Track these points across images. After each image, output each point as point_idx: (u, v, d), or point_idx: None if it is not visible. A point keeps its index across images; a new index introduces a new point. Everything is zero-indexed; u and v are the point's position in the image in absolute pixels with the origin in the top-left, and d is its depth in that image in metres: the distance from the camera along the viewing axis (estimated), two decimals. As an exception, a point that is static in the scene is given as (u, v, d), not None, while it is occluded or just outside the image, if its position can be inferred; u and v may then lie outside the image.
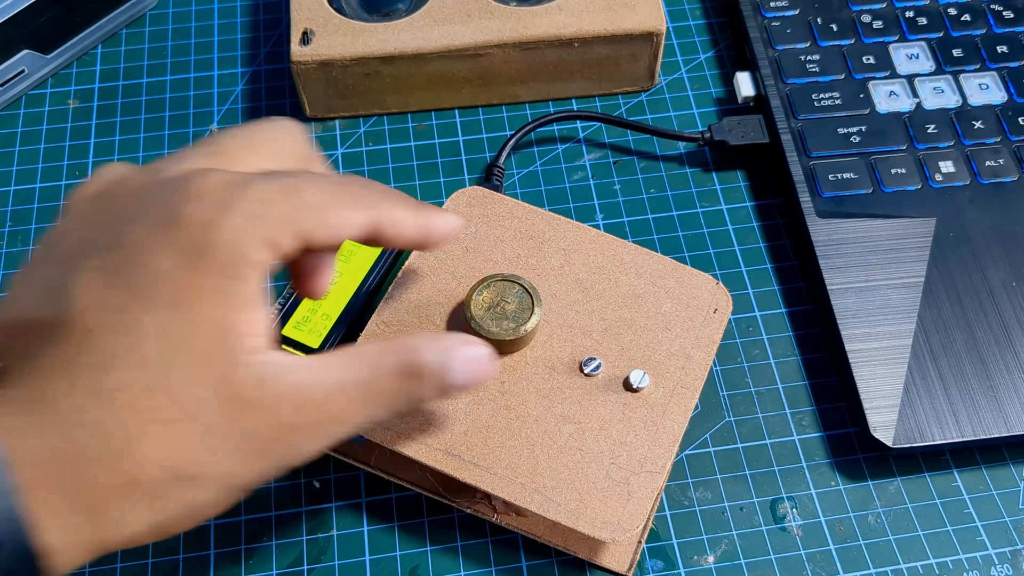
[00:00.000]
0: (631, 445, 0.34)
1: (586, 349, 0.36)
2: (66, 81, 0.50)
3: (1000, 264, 0.41)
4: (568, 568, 0.36)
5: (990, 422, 0.37)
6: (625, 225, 0.45)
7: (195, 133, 0.48)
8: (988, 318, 0.40)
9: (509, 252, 0.38)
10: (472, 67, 0.46)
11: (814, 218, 0.42)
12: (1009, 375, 0.38)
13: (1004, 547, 0.37)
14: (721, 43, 0.51)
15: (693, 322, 0.36)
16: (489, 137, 0.47)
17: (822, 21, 0.48)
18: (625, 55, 0.47)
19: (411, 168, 0.46)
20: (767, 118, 0.46)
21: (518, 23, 0.45)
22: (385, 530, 0.37)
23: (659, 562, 0.36)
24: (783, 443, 0.39)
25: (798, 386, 0.40)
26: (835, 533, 0.37)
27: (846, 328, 0.39)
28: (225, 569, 0.36)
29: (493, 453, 0.33)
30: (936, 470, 0.38)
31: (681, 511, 0.37)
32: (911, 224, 0.42)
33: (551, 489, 0.33)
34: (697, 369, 0.35)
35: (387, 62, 0.45)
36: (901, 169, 0.44)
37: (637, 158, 0.47)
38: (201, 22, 0.52)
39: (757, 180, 0.46)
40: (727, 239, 0.44)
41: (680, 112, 0.48)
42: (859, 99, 0.46)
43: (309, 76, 0.45)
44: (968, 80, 0.46)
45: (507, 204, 0.39)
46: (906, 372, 0.38)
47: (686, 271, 0.38)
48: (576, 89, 0.48)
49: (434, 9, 0.46)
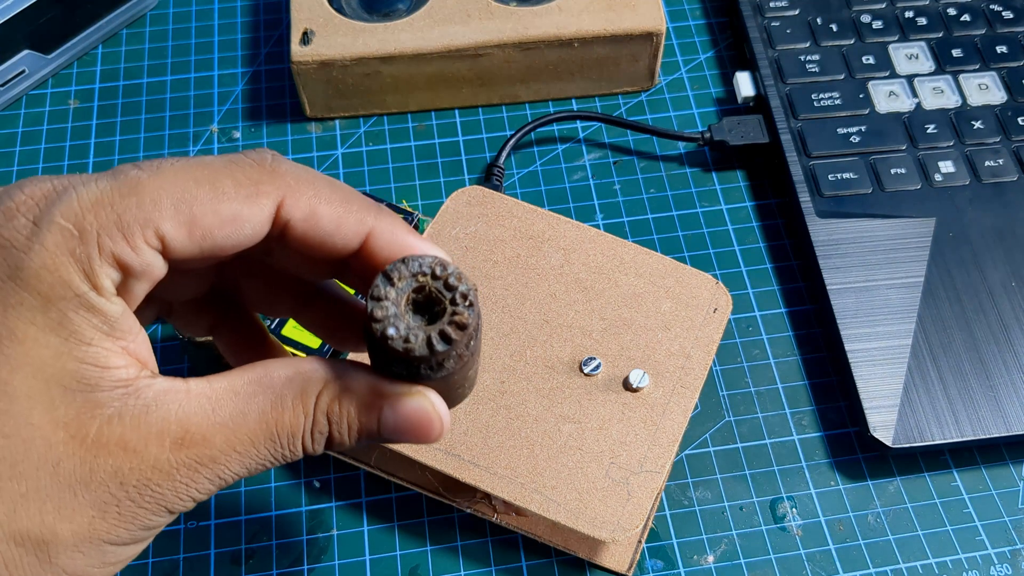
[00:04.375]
0: (631, 445, 0.34)
1: (586, 349, 0.36)
2: (66, 81, 0.50)
3: (1000, 264, 0.41)
4: (568, 568, 0.36)
5: (989, 422, 0.37)
6: (625, 225, 0.45)
7: (195, 133, 0.48)
8: (988, 318, 0.40)
9: (509, 252, 0.38)
10: (472, 67, 0.46)
11: (814, 218, 0.42)
12: (1008, 375, 0.38)
13: (1004, 547, 0.37)
14: (721, 43, 0.51)
15: (693, 322, 0.36)
16: (489, 137, 0.48)
17: (822, 21, 0.48)
18: (625, 55, 0.47)
19: (411, 168, 0.46)
20: (767, 118, 0.46)
21: (518, 23, 0.45)
22: (385, 530, 0.37)
23: (659, 562, 0.36)
24: (783, 443, 0.39)
25: (798, 386, 0.40)
26: (835, 533, 0.37)
27: (846, 328, 0.39)
28: (225, 569, 0.36)
29: (493, 453, 0.33)
30: (936, 470, 0.39)
31: (681, 511, 0.38)
32: (911, 224, 0.42)
33: (551, 489, 0.33)
34: (697, 369, 0.35)
35: (387, 62, 0.45)
36: (901, 169, 0.44)
37: (637, 158, 0.47)
38: (201, 22, 0.52)
39: (757, 180, 0.46)
40: (727, 239, 0.44)
41: (680, 112, 0.49)
42: (859, 99, 0.46)
43: (309, 76, 0.45)
44: (968, 80, 0.46)
45: (507, 204, 0.39)
46: (906, 372, 0.38)
47: (686, 271, 0.38)
48: (576, 89, 0.48)
49: (434, 9, 0.46)
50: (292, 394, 0.23)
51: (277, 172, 0.23)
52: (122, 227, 0.21)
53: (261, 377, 0.23)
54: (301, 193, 0.23)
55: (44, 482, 0.21)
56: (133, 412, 0.21)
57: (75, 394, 0.21)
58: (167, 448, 0.21)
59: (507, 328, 0.36)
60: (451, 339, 0.22)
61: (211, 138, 0.48)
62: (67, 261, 0.21)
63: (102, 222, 0.21)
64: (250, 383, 0.22)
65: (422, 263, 0.22)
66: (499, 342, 0.36)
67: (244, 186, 0.22)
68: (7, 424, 0.21)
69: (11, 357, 0.21)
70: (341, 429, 0.23)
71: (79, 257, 0.21)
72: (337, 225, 0.23)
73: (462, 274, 0.22)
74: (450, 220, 0.38)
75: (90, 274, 0.21)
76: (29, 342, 0.21)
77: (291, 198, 0.23)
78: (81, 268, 0.21)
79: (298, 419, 0.23)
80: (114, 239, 0.21)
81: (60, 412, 0.21)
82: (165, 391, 0.22)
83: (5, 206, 0.21)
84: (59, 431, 0.21)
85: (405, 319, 0.22)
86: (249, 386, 0.22)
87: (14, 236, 0.21)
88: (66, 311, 0.21)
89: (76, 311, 0.21)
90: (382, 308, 0.21)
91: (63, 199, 0.21)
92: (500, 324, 0.36)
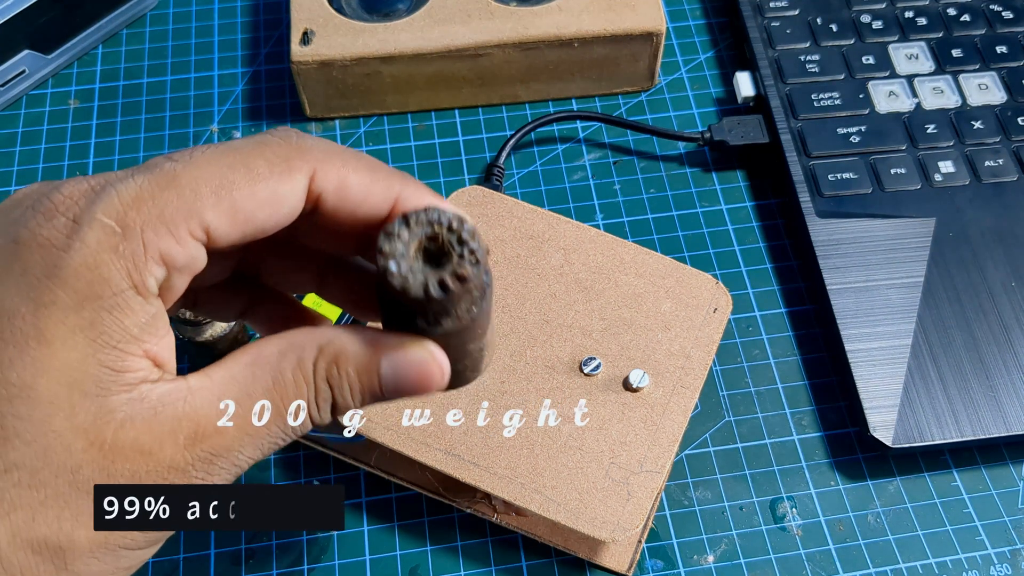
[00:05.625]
0: (631, 445, 0.34)
1: (586, 349, 0.36)
2: (67, 81, 0.50)
3: (1000, 264, 0.41)
4: (568, 568, 0.36)
5: (989, 422, 0.37)
6: (625, 225, 0.45)
7: (195, 133, 0.48)
8: (988, 318, 0.40)
9: (509, 252, 0.38)
10: (472, 67, 0.46)
11: (814, 218, 0.42)
12: (1008, 375, 0.38)
13: (1003, 547, 0.37)
14: (721, 43, 0.51)
15: (693, 322, 0.36)
16: (489, 137, 0.48)
17: (822, 21, 0.48)
18: (625, 55, 0.47)
19: (411, 168, 0.46)
20: (767, 118, 0.46)
21: (518, 23, 0.45)
22: (385, 530, 0.37)
23: (659, 562, 0.36)
24: (783, 443, 0.39)
25: (798, 386, 0.40)
26: (835, 533, 0.37)
27: (846, 328, 0.39)
28: (225, 569, 0.36)
29: (493, 453, 0.33)
30: (935, 470, 0.39)
31: (681, 511, 0.38)
32: (911, 224, 0.42)
33: (551, 489, 0.33)
34: (697, 369, 0.35)
35: (387, 62, 0.45)
36: (901, 169, 0.44)
37: (637, 158, 0.47)
38: (201, 22, 0.52)
39: (757, 180, 0.46)
40: (727, 239, 0.44)
41: (680, 112, 0.49)
42: (859, 99, 0.46)
43: (309, 76, 0.45)
44: (968, 80, 0.46)
45: (507, 204, 0.39)
46: (906, 372, 0.38)
47: (686, 271, 0.38)
48: (576, 89, 0.48)
49: (434, 9, 0.46)
50: (290, 367, 0.22)
51: (304, 147, 0.23)
52: (166, 221, 0.21)
53: (256, 358, 0.22)
54: (330, 165, 0.23)
55: (63, 489, 0.21)
56: (143, 415, 0.21)
57: (93, 399, 0.21)
58: (182, 446, 0.21)
59: (507, 328, 0.36)
60: (448, 289, 0.21)
61: (211, 138, 0.48)
62: (110, 259, 0.20)
63: (146, 218, 0.21)
64: (247, 367, 0.22)
65: (441, 214, 0.22)
66: (499, 342, 0.36)
67: (276, 164, 0.22)
68: (29, 430, 0.20)
69: (37, 360, 0.20)
70: (344, 392, 0.23)
71: (123, 254, 0.20)
72: (366, 193, 0.23)
73: (477, 233, 0.22)
74: (450, 220, 0.38)
75: (133, 272, 0.21)
76: (57, 343, 0.20)
77: (321, 171, 0.23)
78: (124, 266, 0.21)
79: (300, 390, 0.23)
80: (159, 234, 0.21)
81: (80, 418, 0.21)
82: (169, 391, 0.22)
83: (44, 207, 0.21)
84: (79, 438, 0.21)
85: (410, 261, 0.22)
86: (246, 369, 0.22)
87: (54, 235, 0.21)
88: (99, 311, 0.21)
89: (110, 311, 0.21)
90: (391, 244, 0.21)
91: (103, 196, 0.21)
92: (500, 324, 0.36)
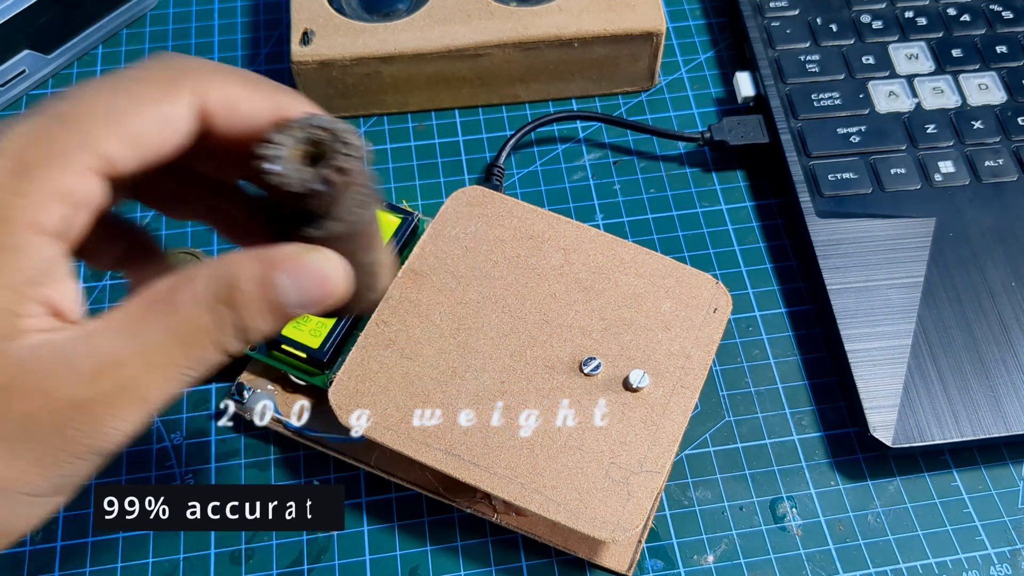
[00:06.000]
0: (631, 445, 0.34)
1: (586, 349, 0.36)
2: (67, 81, 0.50)
3: (1000, 264, 0.41)
4: (568, 568, 0.36)
5: (989, 422, 0.37)
6: (625, 225, 0.45)
7: (195, 133, 0.48)
8: (988, 318, 0.40)
9: (509, 252, 0.38)
10: (472, 67, 0.46)
11: (814, 218, 0.42)
12: (1008, 375, 0.38)
13: (1003, 547, 0.37)
14: (721, 43, 0.51)
15: (693, 322, 0.36)
16: (489, 137, 0.48)
17: (822, 21, 0.48)
18: (625, 55, 0.47)
19: (411, 168, 0.46)
20: (767, 118, 0.46)
21: (518, 23, 0.45)
22: (385, 530, 0.37)
23: (659, 562, 0.36)
24: (783, 443, 0.39)
25: (798, 386, 0.40)
26: (835, 533, 0.37)
27: (846, 328, 0.39)
28: (225, 569, 0.36)
29: (493, 453, 0.33)
30: (935, 470, 0.39)
31: (681, 511, 0.38)
32: (911, 224, 0.42)
33: (551, 489, 0.33)
34: (697, 369, 0.36)
35: (387, 62, 0.45)
36: (901, 169, 0.44)
37: (637, 158, 0.47)
38: (201, 22, 0.52)
39: (757, 180, 0.46)
40: (727, 239, 0.44)
41: (680, 112, 0.49)
42: (859, 99, 0.46)
43: (309, 76, 0.45)
44: (968, 80, 0.46)
45: (507, 204, 0.39)
46: (906, 372, 0.38)
47: (686, 271, 0.38)
48: (576, 89, 0.48)
49: (434, 9, 0.46)
50: (188, 298, 0.22)
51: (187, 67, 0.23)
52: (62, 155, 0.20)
53: (152, 294, 0.22)
54: (214, 82, 0.23)
55: None
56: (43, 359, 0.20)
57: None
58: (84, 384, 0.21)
59: (507, 328, 0.36)
60: (330, 181, 0.21)
61: (211, 138, 0.48)
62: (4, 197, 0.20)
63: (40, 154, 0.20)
64: (143, 302, 0.22)
65: (320, 119, 0.22)
66: (499, 342, 0.36)
67: (163, 86, 0.22)
68: None
69: None
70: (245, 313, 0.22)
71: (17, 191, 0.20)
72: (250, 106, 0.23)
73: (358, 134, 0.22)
74: (450, 220, 0.38)
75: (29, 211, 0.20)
76: None
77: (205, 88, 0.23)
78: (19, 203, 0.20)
79: (201, 318, 0.22)
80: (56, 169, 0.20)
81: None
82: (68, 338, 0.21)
83: None
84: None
85: (291, 162, 0.22)
86: (143, 304, 0.22)
87: None
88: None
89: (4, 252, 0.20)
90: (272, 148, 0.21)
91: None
92: (500, 324, 0.36)
